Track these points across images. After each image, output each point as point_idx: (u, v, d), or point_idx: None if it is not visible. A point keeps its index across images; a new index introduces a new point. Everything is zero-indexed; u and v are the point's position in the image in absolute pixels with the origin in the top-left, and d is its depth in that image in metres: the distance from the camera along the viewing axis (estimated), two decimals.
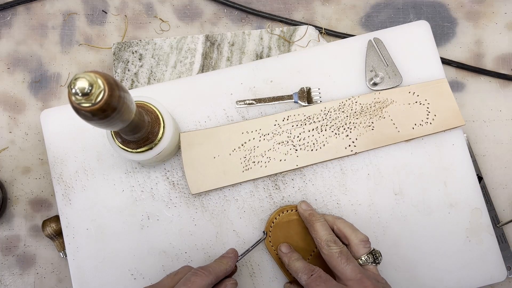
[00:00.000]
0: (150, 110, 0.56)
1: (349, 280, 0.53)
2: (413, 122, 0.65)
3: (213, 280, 0.53)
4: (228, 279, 0.56)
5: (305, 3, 0.75)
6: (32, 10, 0.74)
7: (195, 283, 0.51)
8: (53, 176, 0.64)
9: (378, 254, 0.57)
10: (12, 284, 0.68)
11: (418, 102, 0.66)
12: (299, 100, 0.66)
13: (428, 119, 0.65)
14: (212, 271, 0.54)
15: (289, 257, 0.60)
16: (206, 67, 0.71)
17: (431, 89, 0.66)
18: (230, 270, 0.57)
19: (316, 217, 0.61)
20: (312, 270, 0.56)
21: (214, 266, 0.55)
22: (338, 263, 0.55)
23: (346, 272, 0.54)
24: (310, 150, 0.64)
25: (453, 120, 0.65)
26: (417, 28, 0.69)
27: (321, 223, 0.60)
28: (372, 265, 0.57)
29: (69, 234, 0.63)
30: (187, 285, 0.51)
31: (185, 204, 0.64)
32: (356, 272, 0.54)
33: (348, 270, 0.54)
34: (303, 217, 0.62)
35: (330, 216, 0.62)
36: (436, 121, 0.65)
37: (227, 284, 0.55)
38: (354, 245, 0.58)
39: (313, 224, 0.60)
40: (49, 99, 0.72)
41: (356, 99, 0.66)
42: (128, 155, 0.55)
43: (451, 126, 0.65)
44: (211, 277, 0.53)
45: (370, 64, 0.67)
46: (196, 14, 0.75)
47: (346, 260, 0.55)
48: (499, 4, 0.75)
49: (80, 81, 0.37)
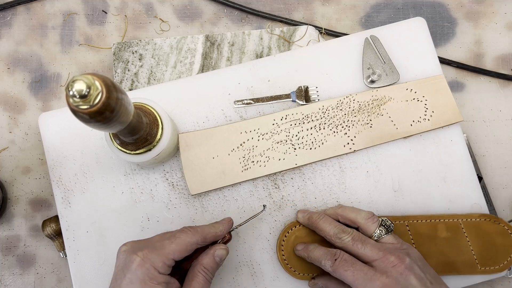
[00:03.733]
0: (148, 111, 0.56)
1: (373, 261, 0.54)
2: (411, 119, 0.65)
3: (199, 239, 0.53)
4: (219, 244, 0.56)
5: (305, 3, 0.75)
6: (32, 10, 0.74)
7: (179, 238, 0.52)
8: (52, 179, 0.64)
9: (388, 223, 0.58)
10: (12, 284, 0.68)
11: (415, 99, 0.66)
12: (297, 99, 0.66)
13: (426, 115, 0.65)
14: (200, 231, 0.54)
15: (306, 250, 0.60)
16: (206, 67, 0.71)
17: (429, 85, 0.66)
18: (221, 235, 0.56)
19: (316, 217, 0.61)
20: (334, 254, 0.56)
21: (203, 227, 0.55)
22: (355, 249, 0.55)
23: (367, 255, 0.54)
24: (309, 148, 0.64)
25: (451, 116, 0.66)
26: (413, 25, 0.69)
27: (323, 220, 0.60)
28: (387, 236, 0.57)
29: (69, 237, 0.64)
30: (171, 239, 0.52)
31: (185, 205, 0.64)
32: (377, 251, 0.54)
33: (368, 252, 0.54)
34: (305, 224, 0.62)
35: (330, 209, 0.62)
36: (434, 117, 0.65)
37: (216, 249, 0.55)
38: (363, 225, 0.58)
39: (316, 224, 0.60)
40: (49, 99, 0.72)
41: (353, 97, 0.66)
42: (127, 157, 0.55)
43: (449, 122, 0.65)
44: (197, 235, 0.53)
45: (367, 62, 0.67)
46: (196, 14, 0.74)
47: (362, 244, 0.55)
48: (499, 4, 0.75)
49: (78, 83, 0.38)
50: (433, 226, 0.63)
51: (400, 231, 0.62)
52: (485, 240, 0.63)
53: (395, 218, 0.63)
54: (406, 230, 0.63)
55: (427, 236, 0.63)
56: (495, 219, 0.63)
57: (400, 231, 0.62)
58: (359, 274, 0.53)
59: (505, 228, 0.63)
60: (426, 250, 0.62)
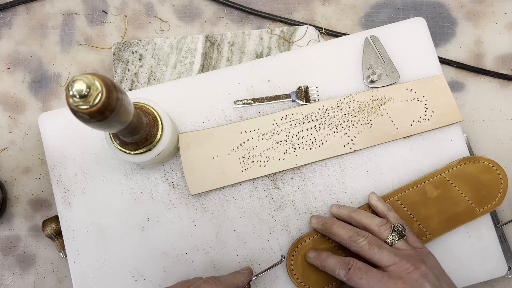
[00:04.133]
0: (148, 111, 0.56)
1: (388, 266, 0.54)
2: (411, 119, 0.65)
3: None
4: None
5: (305, 3, 0.75)
6: (32, 10, 0.74)
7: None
8: (52, 179, 0.64)
9: (401, 228, 0.58)
10: (12, 284, 0.68)
11: (415, 98, 0.66)
12: (297, 99, 0.66)
13: (426, 115, 0.65)
14: (223, 282, 0.53)
15: (319, 259, 0.59)
16: (206, 67, 0.71)
17: (429, 85, 0.66)
18: (242, 286, 0.56)
19: (330, 222, 0.60)
20: (348, 263, 0.56)
21: (226, 278, 0.55)
22: (371, 253, 0.55)
23: (382, 260, 0.55)
24: (309, 148, 0.64)
25: (451, 116, 0.66)
26: (413, 25, 0.69)
27: (337, 225, 0.60)
28: (400, 241, 0.57)
29: (70, 237, 0.64)
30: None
31: (185, 204, 0.64)
32: (393, 256, 0.54)
33: (384, 257, 0.55)
34: (319, 230, 0.62)
35: (344, 210, 0.62)
36: (434, 117, 0.65)
37: None
38: (376, 232, 0.58)
39: (330, 230, 0.60)
40: (49, 99, 0.72)
41: (353, 97, 0.66)
42: (127, 157, 0.55)
43: (449, 122, 0.65)
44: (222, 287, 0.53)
45: (367, 62, 0.67)
46: (196, 14, 0.75)
47: (378, 248, 0.55)
48: (499, 4, 0.75)
49: (78, 83, 0.38)
50: (422, 190, 0.64)
51: (394, 207, 0.63)
52: (473, 182, 0.64)
53: (384, 198, 0.64)
54: (399, 205, 0.63)
55: (420, 201, 0.63)
56: (473, 159, 0.64)
57: (394, 207, 0.62)
58: (374, 281, 0.53)
59: (487, 164, 0.64)
60: (424, 215, 0.63)
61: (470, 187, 0.64)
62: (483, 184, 0.64)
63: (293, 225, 0.64)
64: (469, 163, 0.64)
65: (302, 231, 0.64)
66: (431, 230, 0.63)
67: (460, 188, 0.63)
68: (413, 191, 0.64)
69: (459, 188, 0.63)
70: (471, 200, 0.63)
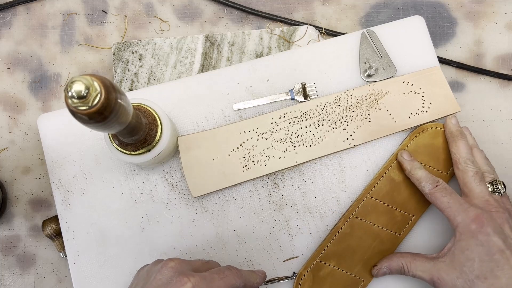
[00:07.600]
0: (148, 112, 0.56)
1: (476, 198, 0.57)
2: (409, 112, 0.65)
3: (241, 284, 0.51)
4: None
5: (305, 3, 0.75)
6: (32, 10, 0.74)
7: (227, 277, 0.50)
8: (52, 180, 0.64)
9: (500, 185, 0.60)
10: (12, 284, 0.68)
11: (413, 91, 0.66)
12: (295, 96, 0.66)
13: (424, 107, 0.66)
14: (244, 276, 0.53)
15: (411, 164, 0.62)
16: (206, 67, 0.71)
17: (425, 77, 0.66)
18: (256, 287, 0.55)
19: (462, 136, 0.63)
20: (437, 181, 0.59)
21: (245, 273, 0.54)
22: (471, 180, 0.59)
23: (475, 191, 0.58)
24: (309, 145, 0.64)
25: (448, 107, 0.66)
26: (412, 23, 0.69)
27: (465, 143, 0.62)
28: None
29: (69, 238, 0.63)
30: (219, 275, 0.50)
31: (185, 205, 0.64)
32: (485, 193, 0.58)
33: (478, 189, 0.58)
34: (449, 131, 0.64)
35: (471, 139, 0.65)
36: (432, 109, 0.66)
37: None
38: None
39: (457, 141, 0.62)
40: (49, 99, 0.72)
41: (351, 92, 0.66)
42: (126, 157, 0.55)
43: (447, 113, 0.66)
44: (241, 279, 0.52)
45: (364, 56, 0.67)
46: (196, 14, 0.74)
47: (479, 181, 0.58)
48: (499, 4, 0.75)
49: (77, 84, 0.38)
50: (389, 178, 0.64)
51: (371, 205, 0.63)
52: (430, 151, 0.65)
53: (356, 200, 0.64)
54: (374, 201, 0.63)
55: (392, 189, 0.64)
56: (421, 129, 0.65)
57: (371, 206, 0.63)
58: (455, 203, 0.57)
59: (435, 128, 0.65)
60: (401, 200, 0.63)
61: (430, 157, 0.64)
62: (440, 148, 0.65)
63: (293, 224, 0.64)
64: (419, 134, 0.65)
65: (302, 231, 0.64)
66: (413, 211, 0.63)
67: (421, 161, 0.64)
68: (382, 182, 0.64)
69: (420, 161, 0.64)
70: (436, 167, 0.64)
